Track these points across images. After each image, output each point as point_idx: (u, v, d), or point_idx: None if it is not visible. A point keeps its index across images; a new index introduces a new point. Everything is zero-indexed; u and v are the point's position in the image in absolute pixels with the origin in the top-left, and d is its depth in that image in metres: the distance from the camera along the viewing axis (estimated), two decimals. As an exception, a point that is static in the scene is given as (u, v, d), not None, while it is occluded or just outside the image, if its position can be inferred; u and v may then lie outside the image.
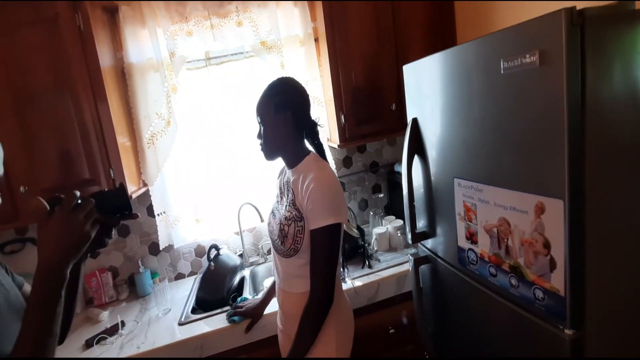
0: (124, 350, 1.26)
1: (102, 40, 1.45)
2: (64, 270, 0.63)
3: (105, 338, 1.34)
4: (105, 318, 1.52)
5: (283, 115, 1.04)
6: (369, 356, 1.46)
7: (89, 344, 1.32)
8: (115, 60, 1.57)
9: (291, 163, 1.10)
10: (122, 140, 1.49)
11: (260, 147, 1.11)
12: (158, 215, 1.71)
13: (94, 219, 0.68)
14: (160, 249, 1.76)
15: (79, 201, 0.67)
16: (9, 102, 1.29)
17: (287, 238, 1.05)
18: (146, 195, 1.71)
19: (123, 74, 1.60)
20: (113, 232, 0.76)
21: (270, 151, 1.09)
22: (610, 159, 0.72)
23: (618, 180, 0.73)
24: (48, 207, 0.66)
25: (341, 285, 1.17)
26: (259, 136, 1.09)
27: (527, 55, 0.72)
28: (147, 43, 1.57)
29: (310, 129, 1.11)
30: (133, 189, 1.51)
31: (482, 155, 0.90)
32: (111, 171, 1.40)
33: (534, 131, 0.75)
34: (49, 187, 1.34)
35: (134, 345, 1.28)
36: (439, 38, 1.69)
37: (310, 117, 1.11)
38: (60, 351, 1.30)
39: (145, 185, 1.65)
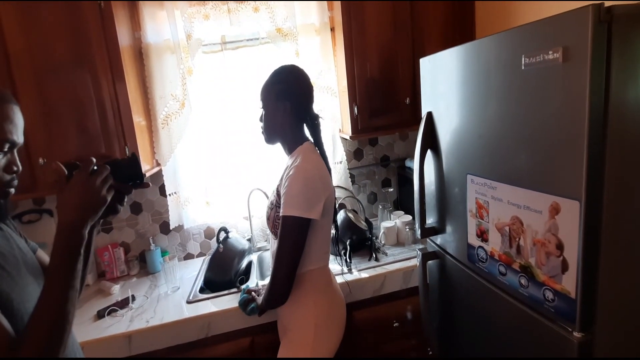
0: (133, 323, 1.30)
1: (122, 20, 1.46)
2: (82, 231, 0.67)
3: (116, 310, 1.39)
4: (117, 291, 1.57)
5: (282, 104, 1.06)
6: (370, 347, 1.48)
7: (100, 315, 1.36)
8: (133, 40, 1.58)
9: (288, 150, 1.14)
10: (138, 120, 1.51)
11: (261, 131, 1.14)
12: (169, 195, 1.74)
13: (109, 185, 0.72)
14: (171, 228, 1.79)
15: (95, 167, 0.71)
16: (31, 75, 1.32)
17: (270, 221, 1.10)
18: (159, 175, 1.75)
19: (140, 54, 1.61)
20: (125, 200, 0.79)
21: (268, 136, 1.13)
22: (632, 162, 0.70)
23: (638, 184, 0.71)
24: (67, 172, 0.70)
25: (330, 280, 1.17)
26: (261, 119, 1.13)
27: (550, 52, 0.70)
28: (164, 24, 1.58)
29: (311, 121, 1.12)
30: (146, 168, 1.54)
31: (497, 153, 0.89)
32: (126, 149, 1.43)
33: (553, 129, 0.73)
34: (67, 161, 1.37)
35: (143, 319, 1.32)
36: (457, 32, 1.65)
37: (311, 110, 1.12)
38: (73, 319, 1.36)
39: (158, 164, 1.68)
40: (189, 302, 1.41)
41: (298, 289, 1.06)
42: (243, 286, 1.41)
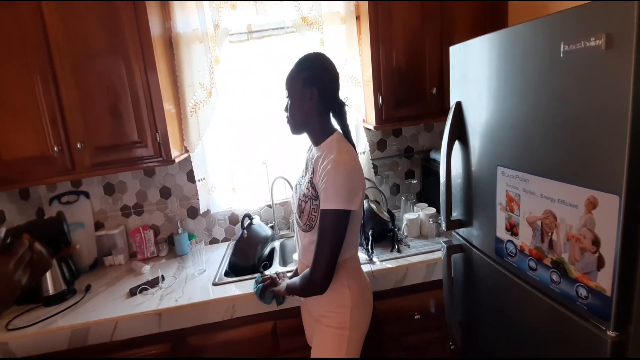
0: (163, 301, 1.37)
1: (153, 10, 1.50)
2: None
3: (147, 289, 1.46)
4: (147, 271, 1.65)
5: (309, 91, 1.04)
6: (391, 338, 1.48)
7: (132, 292, 1.44)
8: (164, 30, 1.62)
9: (316, 140, 1.11)
10: (168, 107, 1.56)
11: (286, 120, 1.12)
12: (199, 180, 1.80)
13: (26, 263, 0.60)
14: (200, 212, 1.86)
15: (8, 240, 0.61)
16: (69, 63, 1.39)
17: (304, 214, 1.08)
18: (187, 161, 1.80)
19: (170, 44, 1.65)
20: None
21: (295, 125, 1.11)
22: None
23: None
24: None
25: (360, 265, 1.19)
26: (286, 109, 1.11)
27: (592, 39, 0.67)
28: (193, 14, 1.61)
29: (338, 109, 1.11)
30: (176, 154, 1.59)
31: (531, 144, 0.86)
32: (157, 135, 1.49)
33: (592, 120, 0.70)
34: (103, 145, 1.46)
35: (172, 298, 1.39)
36: (489, 21, 1.58)
37: (337, 97, 1.10)
38: (107, 296, 1.45)
39: (187, 151, 1.73)
40: (214, 285, 1.46)
41: (334, 276, 1.06)
42: (266, 271, 1.45)
